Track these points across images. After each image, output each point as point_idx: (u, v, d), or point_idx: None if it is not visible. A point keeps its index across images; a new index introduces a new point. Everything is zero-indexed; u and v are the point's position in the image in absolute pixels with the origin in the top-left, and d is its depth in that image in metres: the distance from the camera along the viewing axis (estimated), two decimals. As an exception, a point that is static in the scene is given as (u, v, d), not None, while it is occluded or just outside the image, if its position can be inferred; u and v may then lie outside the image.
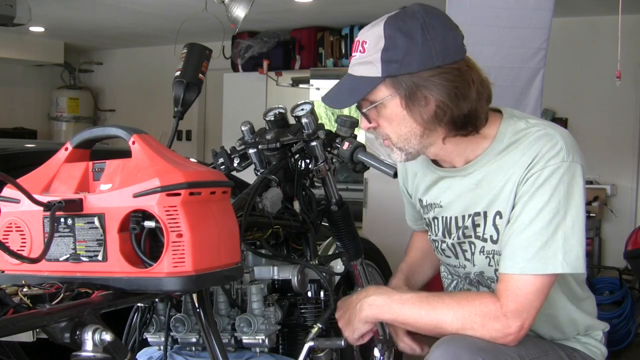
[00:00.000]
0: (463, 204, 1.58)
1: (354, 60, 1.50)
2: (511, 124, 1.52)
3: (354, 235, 2.18)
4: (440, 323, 1.46)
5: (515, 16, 3.16)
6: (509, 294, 1.42)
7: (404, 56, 1.43)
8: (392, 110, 1.48)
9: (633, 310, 4.26)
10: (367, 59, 1.46)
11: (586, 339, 1.65)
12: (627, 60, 3.99)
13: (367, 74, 1.46)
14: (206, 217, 1.24)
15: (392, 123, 1.50)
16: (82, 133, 1.37)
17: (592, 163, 5.46)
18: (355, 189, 5.98)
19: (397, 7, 1.51)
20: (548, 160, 1.43)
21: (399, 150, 1.53)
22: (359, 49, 1.48)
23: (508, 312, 1.41)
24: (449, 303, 1.47)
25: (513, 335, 1.42)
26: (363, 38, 1.48)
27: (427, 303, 1.49)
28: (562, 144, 1.44)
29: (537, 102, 3.25)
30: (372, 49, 1.45)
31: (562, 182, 1.42)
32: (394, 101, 1.46)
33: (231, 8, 4.34)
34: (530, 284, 1.42)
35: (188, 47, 1.89)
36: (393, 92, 1.45)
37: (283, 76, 6.66)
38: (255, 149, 2.04)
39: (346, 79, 1.52)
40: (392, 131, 1.51)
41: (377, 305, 1.55)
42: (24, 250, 1.28)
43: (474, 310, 1.43)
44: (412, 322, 1.51)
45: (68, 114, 8.14)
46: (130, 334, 1.67)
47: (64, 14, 6.18)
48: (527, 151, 1.47)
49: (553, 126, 1.51)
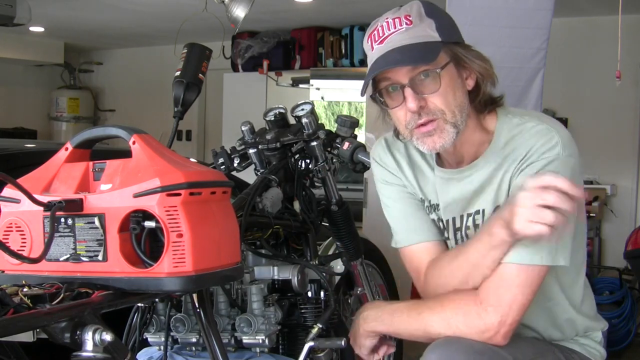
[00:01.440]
0: (461, 205, 1.57)
1: (399, 35, 1.42)
2: (506, 122, 1.51)
3: (354, 235, 2.18)
4: (427, 327, 1.46)
5: (515, 16, 3.16)
6: (490, 287, 1.40)
7: (450, 26, 1.47)
8: (451, 78, 1.44)
9: (633, 310, 4.26)
10: (420, 27, 1.43)
11: (585, 340, 1.63)
12: (627, 60, 3.98)
13: (427, 39, 1.42)
14: (206, 217, 1.24)
15: (447, 93, 1.43)
16: (82, 133, 1.37)
17: (592, 163, 5.45)
18: (355, 189, 5.97)
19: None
20: (543, 153, 1.42)
21: (452, 126, 1.44)
22: (403, 22, 1.43)
23: (488, 307, 1.39)
24: (433, 306, 1.46)
25: (493, 332, 1.38)
26: (403, 13, 1.44)
27: (414, 309, 1.50)
28: (558, 139, 1.43)
29: (537, 102, 3.24)
30: (419, 20, 1.43)
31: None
32: (451, 69, 1.45)
33: (231, 8, 4.34)
34: (514, 276, 1.38)
35: (188, 47, 1.89)
36: (450, 58, 1.44)
37: (283, 76, 6.65)
38: (255, 149, 2.04)
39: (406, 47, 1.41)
40: (447, 103, 1.43)
41: (371, 319, 1.57)
42: (24, 250, 1.28)
43: (456, 309, 1.42)
44: (403, 331, 1.52)
45: (68, 114, 8.13)
46: (131, 334, 1.67)
47: (64, 14, 6.17)
48: (522, 146, 1.45)
49: (550, 121, 1.49)
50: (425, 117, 1.44)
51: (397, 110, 1.46)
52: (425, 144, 1.47)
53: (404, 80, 1.43)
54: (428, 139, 1.46)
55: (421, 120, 1.44)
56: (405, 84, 1.43)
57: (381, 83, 1.47)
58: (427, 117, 1.44)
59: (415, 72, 1.42)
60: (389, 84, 1.46)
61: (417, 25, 1.43)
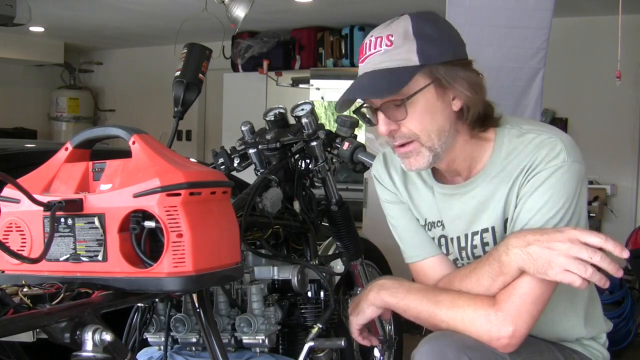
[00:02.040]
0: (465, 222, 1.55)
1: (377, 56, 1.42)
2: (505, 134, 1.50)
3: (354, 235, 2.18)
4: (437, 315, 1.45)
5: (515, 16, 3.16)
6: (508, 299, 1.39)
7: (437, 45, 1.42)
8: (427, 102, 1.42)
9: (633, 310, 4.25)
10: (400, 50, 1.41)
11: (588, 342, 1.62)
12: (627, 60, 3.98)
13: (402, 64, 1.40)
14: (206, 217, 1.24)
15: (424, 118, 1.42)
16: (82, 133, 1.37)
17: (592, 163, 5.45)
18: (355, 189, 5.98)
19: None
20: (549, 162, 1.42)
21: (428, 150, 1.44)
22: (383, 43, 1.42)
23: (501, 315, 1.38)
24: (450, 298, 1.45)
25: (505, 341, 1.38)
26: (386, 33, 1.43)
27: (433, 294, 1.48)
28: (562, 146, 1.43)
29: (537, 102, 3.24)
30: (403, 40, 1.41)
31: (561, 182, 1.41)
32: (429, 92, 1.42)
33: (231, 8, 4.34)
34: (532, 288, 1.38)
35: (188, 47, 1.89)
36: (429, 81, 1.41)
37: (283, 76, 6.65)
38: (255, 149, 2.04)
39: (377, 73, 1.41)
40: (423, 128, 1.42)
41: (386, 287, 1.54)
42: (24, 250, 1.28)
43: (471, 308, 1.41)
44: (412, 309, 1.50)
45: (68, 114, 8.13)
46: (131, 334, 1.67)
47: (64, 14, 6.17)
48: (526, 158, 1.45)
49: (550, 130, 1.49)
50: (399, 140, 1.45)
51: (377, 128, 1.47)
52: (404, 164, 1.49)
53: (376, 104, 1.44)
54: (405, 160, 1.48)
55: (396, 143, 1.46)
56: (378, 107, 1.44)
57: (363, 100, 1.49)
58: (401, 140, 1.45)
59: (384, 100, 1.43)
60: (366, 104, 1.48)
61: (397, 47, 1.41)
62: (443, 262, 1.61)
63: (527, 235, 1.36)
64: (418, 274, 1.65)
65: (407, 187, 1.64)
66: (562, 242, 1.31)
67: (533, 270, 1.34)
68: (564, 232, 1.33)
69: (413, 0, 3.46)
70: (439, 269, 1.60)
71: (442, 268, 1.60)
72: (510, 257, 1.37)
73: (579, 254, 1.29)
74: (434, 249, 1.62)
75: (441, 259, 1.62)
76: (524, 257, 1.35)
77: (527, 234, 1.37)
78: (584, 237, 1.30)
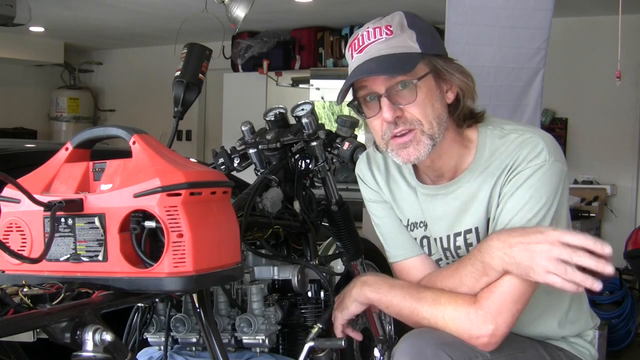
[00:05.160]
0: (448, 223, 1.55)
1: (379, 44, 1.43)
2: (488, 134, 1.51)
3: (354, 236, 2.18)
4: (418, 312, 1.45)
5: (515, 16, 3.16)
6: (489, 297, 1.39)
7: (430, 38, 1.46)
8: (429, 89, 1.43)
9: (633, 310, 4.26)
10: (400, 39, 1.42)
11: (575, 339, 1.61)
12: (627, 60, 3.99)
13: (405, 50, 1.42)
14: (207, 217, 1.24)
15: (426, 104, 1.42)
16: (82, 133, 1.37)
17: (592, 163, 5.46)
18: (355, 189, 5.98)
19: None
20: (530, 160, 1.42)
21: (428, 138, 1.43)
22: (383, 32, 1.43)
23: (481, 313, 1.38)
24: (432, 295, 1.45)
25: (485, 340, 1.38)
26: (384, 24, 1.44)
27: (415, 291, 1.49)
28: (544, 145, 1.43)
29: (537, 102, 3.24)
30: (401, 30, 1.43)
31: (542, 181, 1.41)
32: (430, 79, 1.44)
33: (231, 8, 4.34)
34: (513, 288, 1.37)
35: (188, 47, 1.89)
36: (429, 69, 1.44)
37: (283, 76, 6.66)
38: (255, 149, 2.04)
39: (383, 57, 1.41)
40: (424, 114, 1.42)
41: (369, 284, 1.55)
42: (24, 250, 1.28)
43: (452, 306, 1.41)
44: (394, 306, 1.50)
45: (68, 114, 8.14)
46: (131, 334, 1.67)
47: (64, 14, 6.18)
48: (508, 157, 1.45)
49: (532, 128, 1.50)
50: (402, 126, 1.43)
51: (374, 119, 1.46)
52: (400, 156, 1.46)
53: (380, 90, 1.43)
54: (403, 150, 1.45)
55: (397, 130, 1.43)
56: (382, 94, 1.43)
57: (359, 92, 1.47)
58: (404, 127, 1.43)
59: (392, 82, 1.42)
60: (367, 94, 1.46)
61: (397, 35, 1.43)
62: (425, 262, 1.62)
63: (509, 237, 1.36)
64: (401, 273, 1.65)
65: (390, 187, 1.64)
66: (542, 243, 1.31)
67: (517, 272, 1.34)
68: (545, 233, 1.32)
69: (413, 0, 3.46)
70: (421, 269, 1.61)
71: (425, 268, 1.60)
72: (495, 260, 1.37)
73: (560, 255, 1.29)
74: (417, 248, 1.63)
75: (424, 258, 1.62)
76: (507, 260, 1.35)
77: (510, 235, 1.36)
78: (564, 237, 1.30)
